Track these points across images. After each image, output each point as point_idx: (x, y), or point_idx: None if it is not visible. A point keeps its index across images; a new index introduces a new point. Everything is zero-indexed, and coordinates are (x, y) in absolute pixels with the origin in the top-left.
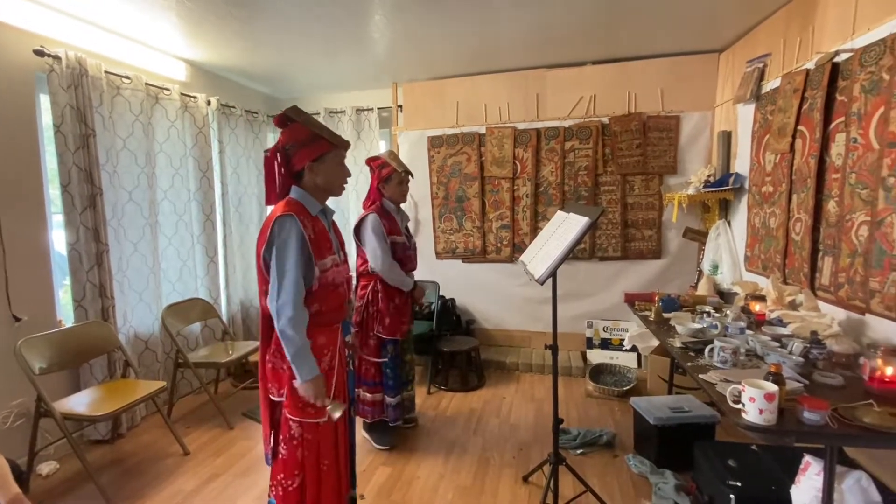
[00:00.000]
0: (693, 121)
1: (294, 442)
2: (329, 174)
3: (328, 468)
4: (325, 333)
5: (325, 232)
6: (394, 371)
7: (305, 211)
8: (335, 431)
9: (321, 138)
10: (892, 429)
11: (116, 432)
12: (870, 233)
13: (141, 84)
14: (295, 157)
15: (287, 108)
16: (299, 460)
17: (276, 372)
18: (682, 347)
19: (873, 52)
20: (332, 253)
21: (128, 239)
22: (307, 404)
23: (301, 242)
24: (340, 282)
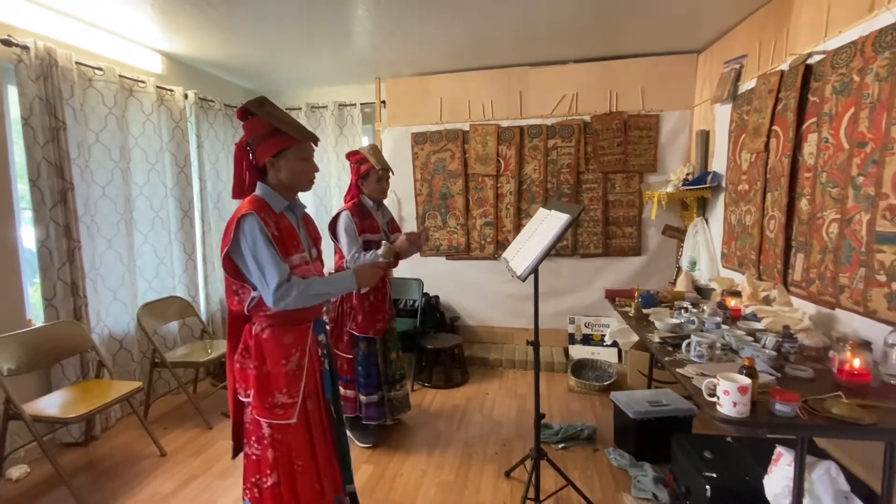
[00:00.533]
0: (672, 120)
1: (265, 442)
2: (292, 170)
3: (303, 468)
4: (294, 332)
5: (292, 229)
6: (366, 369)
7: (269, 208)
8: (308, 431)
9: (281, 132)
10: (859, 420)
11: (90, 434)
12: (840, 230)
13: (114, 76)
14: (256, 152)
15: (249, 101)
16: (271, 461)
17: (244, 372)
18: (661, 342)
19: (844, 55)
20: (301, 250)
21: (101, 235)
22: (274, 405)
23: (266, 239)
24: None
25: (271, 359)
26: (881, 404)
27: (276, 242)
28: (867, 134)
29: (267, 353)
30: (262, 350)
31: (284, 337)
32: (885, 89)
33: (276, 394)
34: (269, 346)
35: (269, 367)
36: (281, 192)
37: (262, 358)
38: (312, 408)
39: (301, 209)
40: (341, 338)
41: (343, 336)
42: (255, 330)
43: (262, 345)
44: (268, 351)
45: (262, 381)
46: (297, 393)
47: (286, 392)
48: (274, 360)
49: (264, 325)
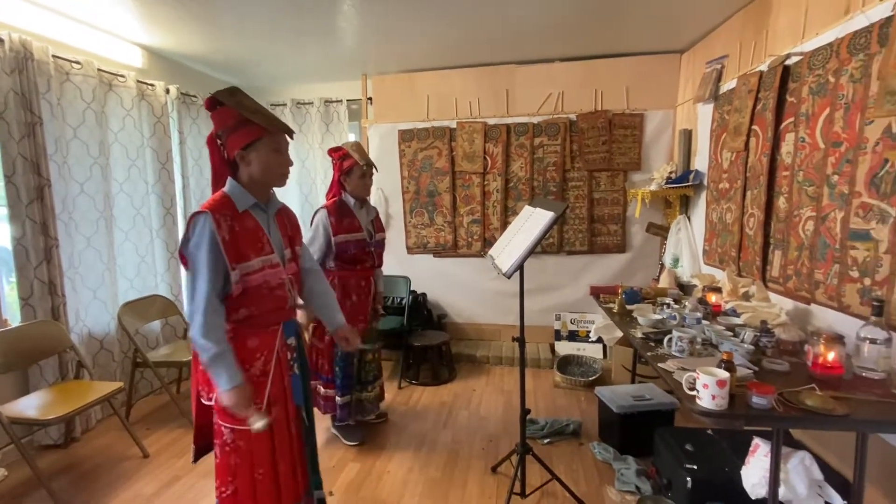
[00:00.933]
0: (656, 119)
1: (227, 448)
2: (264, 163)
3: (263, 477)
4: (259, 336)
5: (257, 230)
6: (343, 370)
7: (230, 207)
8: (271, 438)
9: (251, 123)
10: (831, 411)
11: (70, 436)
12: (815, 227)
13: (92, 70)
14: (227, 144)
15: (219, 90)
16: (232, 467)
17: (207, 375)
18: (643, 338)
19: (820, 56)
20: (265, 253)
21: (80, 233)
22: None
23: (212, 244)
24: (277, 283)
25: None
26: (853, 396)
27: (228, 247)
28: (842, 134)
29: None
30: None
31: (249, 341)
32: (859, 90)
33: None
34: (233, 349)
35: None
36: (251, 189)
37: None
38: (277, 414)
39: (275, 207)
40: (322, 338)
41: (324, 334)
42: None
43: None
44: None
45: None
46: (262, 399)
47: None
48: (237, 363)
49: (227, 327)
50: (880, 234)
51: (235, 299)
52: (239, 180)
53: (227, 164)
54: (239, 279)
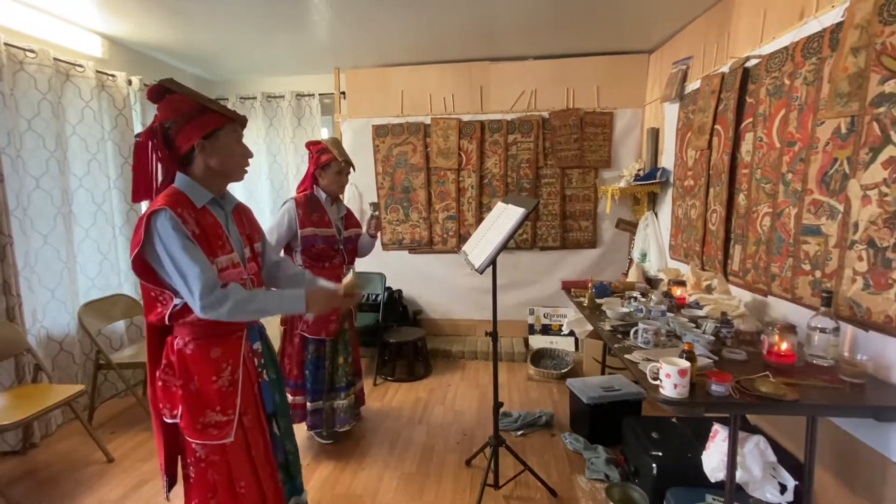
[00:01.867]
0: (626, 117)
1: (202, 465)
2: (224, 154)
3: (247, 490)
4: (223, 344)
5: (217, 227)
6: (312, 374)
7: (188, 203)
8: (247, 449)
9: (210, 111)
10: (783, 396)
11: (28, 442)
12: (771, 223)
13: (48, 59)
14: (179, 135)
15: (162, 79)
16: (211, 484)
17: (168, 390)
18: (611, 330)
19: (777, 59)
20: (228, 251)
21: (36, 230)
22: (207, 424)
23: (184, 238)
24: (241, 284)
25: (199, 375)
26: (803, 382)
27: (198, 241)
28: (795, 134)
29: (194, 369)
30: (187, 367)
31: (211, 351)
32: (812, 93)
33: (209, 412)
34: (195, 361)
35: (198, 384)
36: (205, 184)
37: (188, 375)
38: (250, 423)
39: (231, 203)
40: (291, 340)
41: (294, 337)
42: (178, 344)
43: (186, 361)
44: (195, 367)
45: (191, 400)
46: (233, 409)
47: (220, 409)
48: (202, 376)
49: (187, 338)
50: (829, 230)
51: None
52: (190, 175)
53: (173, 160)
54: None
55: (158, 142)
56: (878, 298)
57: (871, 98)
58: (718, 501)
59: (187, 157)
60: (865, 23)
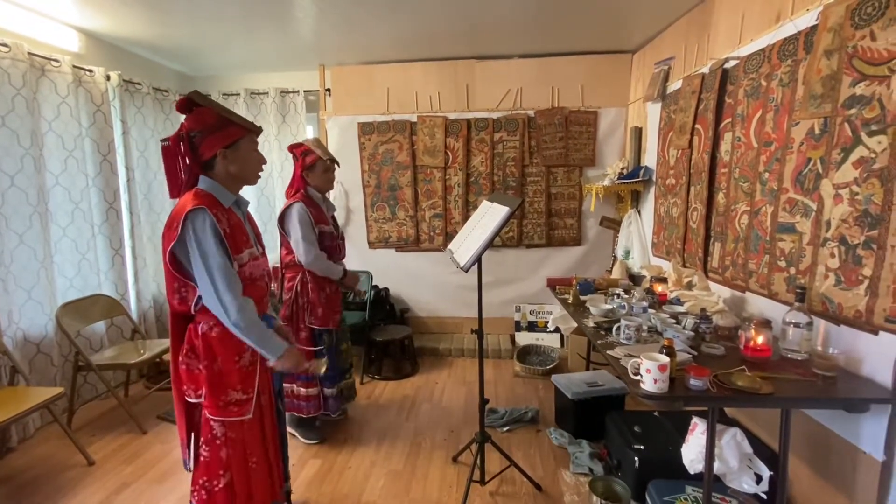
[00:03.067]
0: (610, 116)
1: (217, 442)
2: (244, 162)
3: (258, 465)
4: None
5: (241, 224)
6: (330, 361)
7: (218, 203)
8: (262, 427)
9: (232, 123)
10: (758, 390)
11: (5, 446)
12: (749, 221)
13: (22, 53)
14: (203, 144)
15: (190, 93)
16: (224, 460)
17: (192, 373)
18: (595, 327)
19: (754, 61)
20: (250, 246)
21: (11, 229)
22: (229, 402)
23: (217, 237)
24: (259, 275)
25: (223, 356)
26: (778, 376)
27: (228, 239)
28: (772, 134)
29: (218, 351)
30: (212, 348)
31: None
32: (787, 94)
33: (230, 391)
34: (220, 343)
35: (221, 364)
36: (229, 186)
37: (212, 356)
38: (265, 402)
39: (246, 204)
40: (298, 335)
41: (300, 332)
42: (203, 329)
43: (211, 343)
44: (219, 349)
45: (215, 380)
46: (252, 388)
47: (241, 388)
48: (226, 357)
49: (212, 322)
50: (804, 227)
51: None
52: (213, 178)
53: (198, 164)
54: (237, 270)
55: (185, 148)
56: (849, 294)
57: (843, 100)
58: (698, 493)
59: (209, 163)
60: (838, 26)
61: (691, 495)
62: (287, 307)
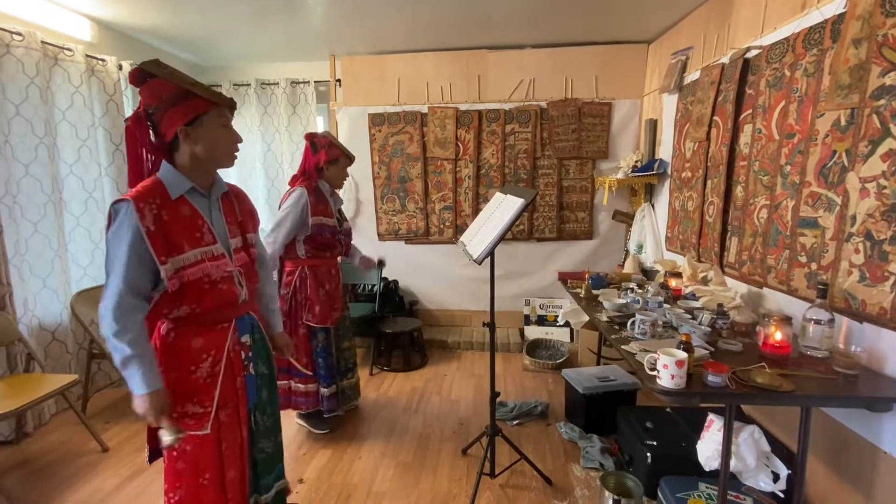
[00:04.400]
0: (624, 108)
1: (174, 453)
2: (211, 140)
3: (209, 482)
4: (205, 335)
5: (194, 218)
6: (325, 361)
7: (161, 194)
8: (219, 443)
9: (194, 95)
10: (778, 387)
11: (21, 432)
12: (768, 215)
13: (36, 42)
14: (163, 121)
15: (144, 62)
16: (178, 472)
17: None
18: (608, 321)
19: (778, 50)
20: (207, 243)
21: (26, 218)
22: (184, 414)
23: (134, 236)
24: (221, 277)
25: (177, 365)
26: (798, 373)
27: (154, 239)
28: (795, 126)
29: (173, 358)
30: (167, 355)
31: (193, 341)
32: (812, 84)
33: (186, 403)
34: (176, 350)
35: (177, 373)
36: (191, 173)
37: (168, 363)
38: (227, 418)
39: (220, 190)
40: (296, 331)
41: (298, 329)
42: (162, 331)
43: (167, 349)
44: (174, 356)
45: (169, 388)
46: (211, 403)
47: (197, 401)
48: (180, 366)
49: (171, 325)
50: (826, 222)
51: (173, 296)
52: (175, 163)
53: (159, 146)
54: (173, 273)
55: (143, 128)
56: (874, 290)
57: (872, 90)
58: (711, 489)
59: (173, 144)
60: (867, 14)
61: (705, 492)
62: (285, 302)
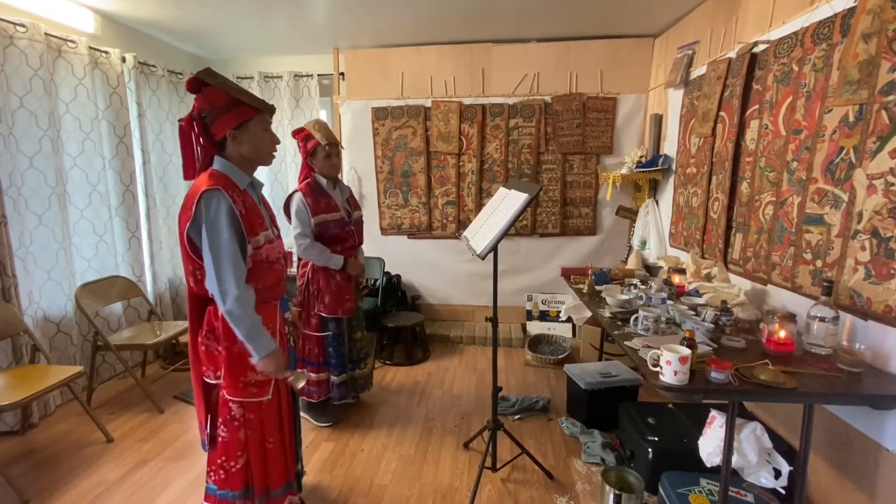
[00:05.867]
0: (629, 103)
1: (235, 423)
2: (255, 142)
3: (274, 446)
4: (264, 311)
5: (256, 206)
6: (336, 350)
7: (233, 184)
8: (279, 409)
9: (242, 103)
10: (781, 384)
11: (27, 422)
12: (774, 212)
13: (39, 34)
14: (214, 125)
15: (199, 71)
16: (242, 441)
17: (211, 354)
18: (611, 317)
19: (786, 45)
20: (265, 228)
21: (30, 210)
22: (248, 383)
23: (232, 219)
24: (275, 258)
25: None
26: (801, 370)
27: (243, 221)
28: (802, 122)
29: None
30: (232, 330)
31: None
32: (820, 80)
33: (249, 372)
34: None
35: (241, 346)
36: (243, 167)
37: (232, 338)
38: (282, 384)
39: (261, 186)
40: (309, 321)
41: (311, 319)
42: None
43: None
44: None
45: (234, 361)
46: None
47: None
48: None
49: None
50: (833, 219)
51: (247, 273)
52: (227, 159)
53: (211, 145)
54: (252, 252)
55: (198, 129)
56: (879, 288)
57: (881, 86)
58: (713, 485)
59: (221, 144)
60: (878, 8)
61: (706, 488)
62: (300, 293)
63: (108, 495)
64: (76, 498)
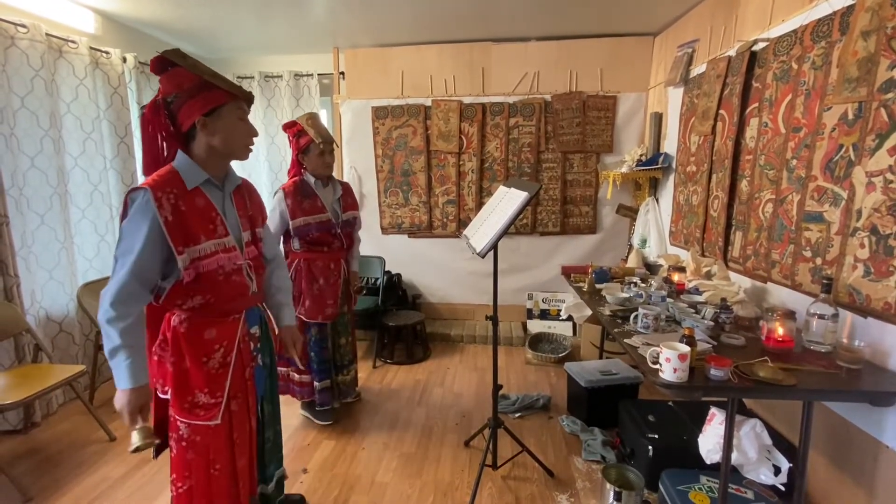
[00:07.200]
0: (629, 101)
1: (183, 443)
2: (228, 132)
3: (220, 473)
4: (217, 326)
5: (208, 210)
6: (318, 355)
7: (177, 184)
8: (230, 433)
9: (213, 87)
10: (780, 381)
11: (30, 421)
12: (774, 210)
13: (40, 34)
14: (181, 111)
15: (166, 50)
16: (187, 463)
17: (162, 366)
18: (611, 315)
19: (785, 43)
20: (220, 235)
21: (32, 210)
22: (195, 404)
23: (152, 225)
24: (233, 269)
25: (190, 355)
26: (801, 367)
27: (172, 229)
28: (801, 119)
29: (186, 349)
30: (179, 345)
31: (206, 332)
32: (820, 77)
33: (196, 393)
34: (188, 341)
35: (189, 363)
36: (206, 164)
37: (179, 353)
38: (237, 408)
39: (233, 184)
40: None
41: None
42: (174, 321)
43: (179, 339)
44: (186, 347)
45: (181, 379)
46: (222, 393)
47: (208, 391)
48: (193, 356)
49: (183, 316)
50: (832, 217)
51: (188, 286)
52: (191, 153)
53: (176, 136)
54: (189, 264)
55: (161, 117)
56: (878, 286)
57: (880, 83)
58: (713, 482)
59: (189, 134)
60: (877, 6)
61: (706, 485)
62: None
63: (111, 493)
64: (79, 496)
